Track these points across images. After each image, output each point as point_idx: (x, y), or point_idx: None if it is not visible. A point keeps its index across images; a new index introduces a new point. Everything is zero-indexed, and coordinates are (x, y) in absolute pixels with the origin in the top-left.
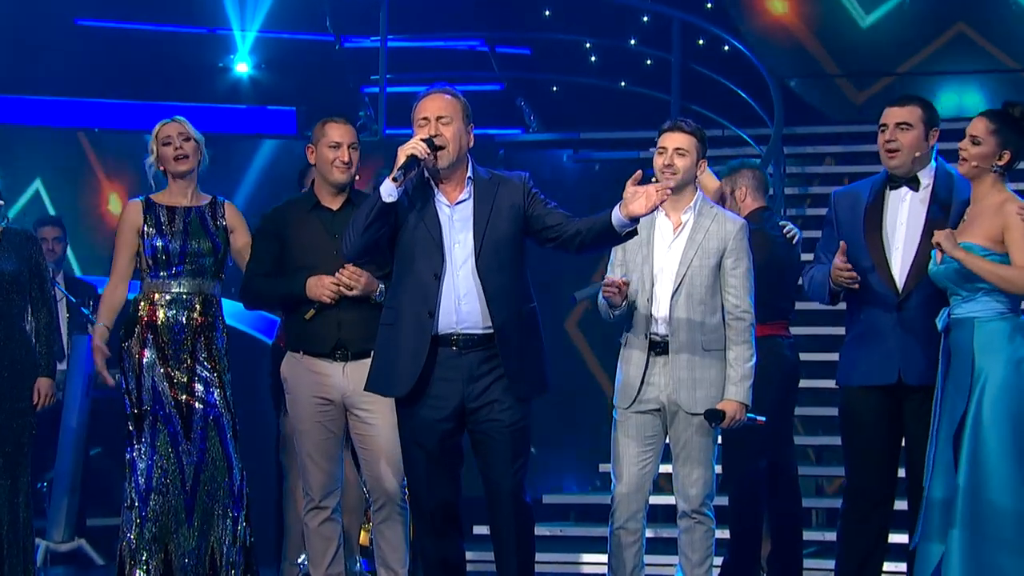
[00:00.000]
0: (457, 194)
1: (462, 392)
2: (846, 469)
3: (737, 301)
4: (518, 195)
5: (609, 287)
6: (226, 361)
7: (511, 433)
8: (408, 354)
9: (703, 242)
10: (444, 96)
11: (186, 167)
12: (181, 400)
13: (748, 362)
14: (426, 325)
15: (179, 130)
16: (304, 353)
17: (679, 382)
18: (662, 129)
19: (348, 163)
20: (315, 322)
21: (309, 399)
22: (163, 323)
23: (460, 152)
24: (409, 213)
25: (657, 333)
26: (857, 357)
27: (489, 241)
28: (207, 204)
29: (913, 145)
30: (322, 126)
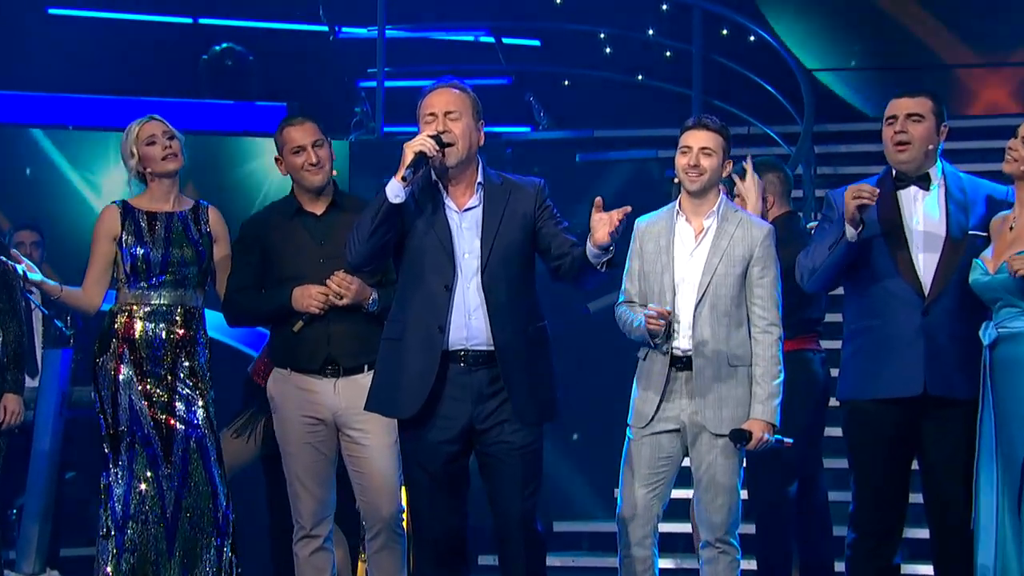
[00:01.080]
0: (466, 199)
1: (470, 412)
2: (855, 494)
3: (764, 313)
4: (530, 204)
5: (653, 319)
6: (209, 378)
7: (522, 456)
8: (415, 372)
9: (728, 249)
10: (452, 90)
11: (175, 166)
12: (161, 420)
13: (776, 379)
14: (436, 341)
15: (163, 128)
16: (292, 370)
17: (702, 400)
18: (685, 126)
19: (317, 163)
20: (303, 336)
21: (298, 419)
22: (141, 337)
23: (470, 150)
24: (417, 218)
25: (679, 347)
26: (872, 367)
27: (497, 252)
28: (190, 209)
29: (925, 138)
30: (280, 133)
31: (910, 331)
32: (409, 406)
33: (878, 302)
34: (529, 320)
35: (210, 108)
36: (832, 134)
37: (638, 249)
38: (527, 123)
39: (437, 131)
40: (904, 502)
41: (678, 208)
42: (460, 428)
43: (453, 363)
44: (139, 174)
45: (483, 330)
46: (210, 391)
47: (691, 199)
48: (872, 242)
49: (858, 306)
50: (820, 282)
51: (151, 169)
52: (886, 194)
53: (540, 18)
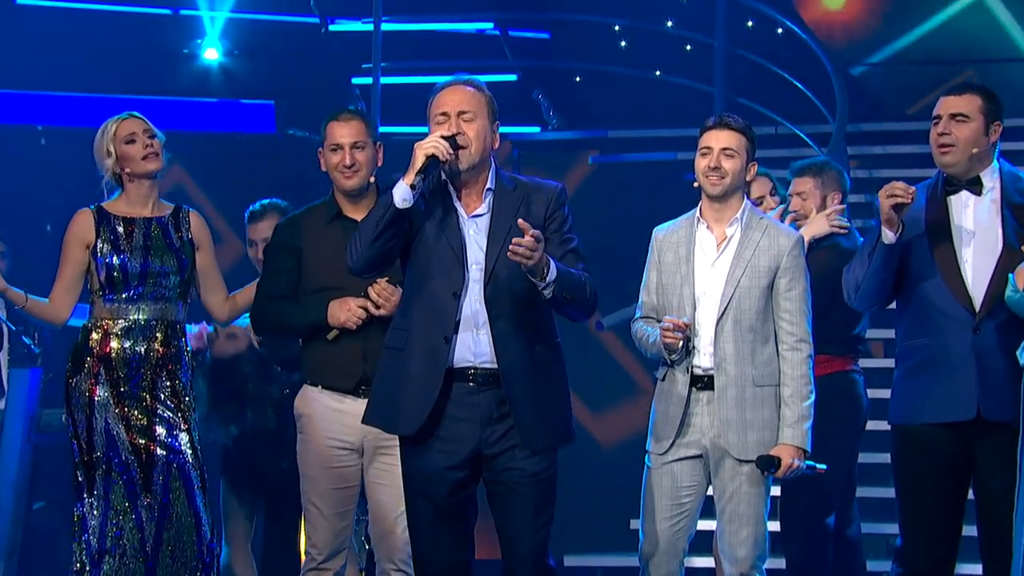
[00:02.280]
0: (475, 205)
1: (478, 436)
2: (902, 525)
3: (792, 328)
4: (541, 213)
5: (669, 332)
6: (193, 399)
7: (534, 484)
8: (417, 386)
9: (752, 259)
10: (467, 88)
11: (156, 166)
12: (140, 446)
13: (806, 400)
14: (440, 353)
15: (143, 126)
16: (323, 387)
17: (726, 423)
18: (706, 126)
19: (352, 166)
20: (336, 353)
21: (324, 441)
22: (118, 355)
23: (483, 153)
24: (427, 221)
25: (700, 366)
26: (923, 389)
27: (504, 265)
28: (170, 214)
29: (970, 140)
30: (325, 125)
31: (961, 350)
32: (410, 422)
33: (926, 319)
34: (538, 339)
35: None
36: (868, 134)
37: (656, 260)
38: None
39: (451, 132)
40: (957, 535)
41: (698, 215)
42: (467, 453)
43: (460, 381)
44: (115, 175)
45: (490, 348)
46: (194, 413)
47: (712, 205)
48: (919, 252)
49: (907, 323)
50: (866, 297)
51: (130, 170)
52: (935, 199)
53: (549, 9)
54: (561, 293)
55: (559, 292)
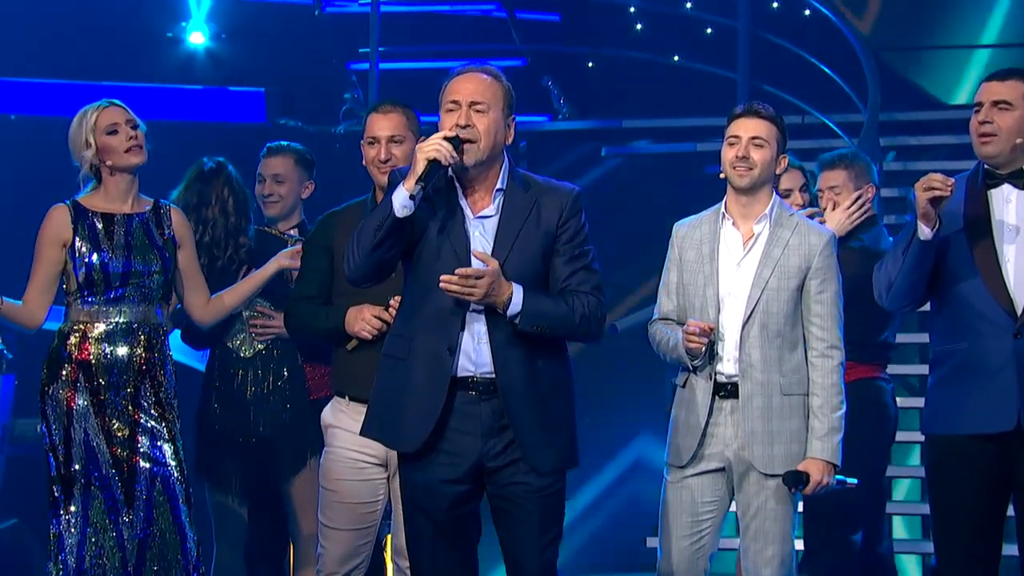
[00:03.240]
0: (483, 204)
1: (480, 448)
2: (937, 544)
3: (823, 334)
4: (554, 220)
5: (694, 336)
6: (177, 408)
7: (540, 500)
8: (420, 400)
9: (781, 259)
10: (483, 77)
11: (140, 159)
12: (121, 458)
13: (837, 411)
14: (444, 364)
15: (125, 116)
16: (350, 399)
17: (751, 435)
18: (734, 114)
19: (388, 161)
20: (359, 362)
21: (348, 454)
22: (98, 361)
23: (493, 149)
24: (431, 221)
25: (723, 373)
26: (958, 397)
27: (509, 273)
28: (150, 210)
29: (1013, 130)
30: (366, 117)
31: (1000, 356)
32: (413, 438)
33: (963, 322)
34: (543, 352)
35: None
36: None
37: (676, 257)
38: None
39: (455, 131)
40: (996, 555)
41: (724, 210)
42: (468, 466)
43: (461, 390)
44: (93, 168)
45: (490, 359)
46: (177, 422)
47: (739, 199)
48: (957, 250)
49: (943, 327)
50: (898, 296)
51: (111, 162)
52: (975, 193)
53: None
54: (531, 327)
55: (527, 326)
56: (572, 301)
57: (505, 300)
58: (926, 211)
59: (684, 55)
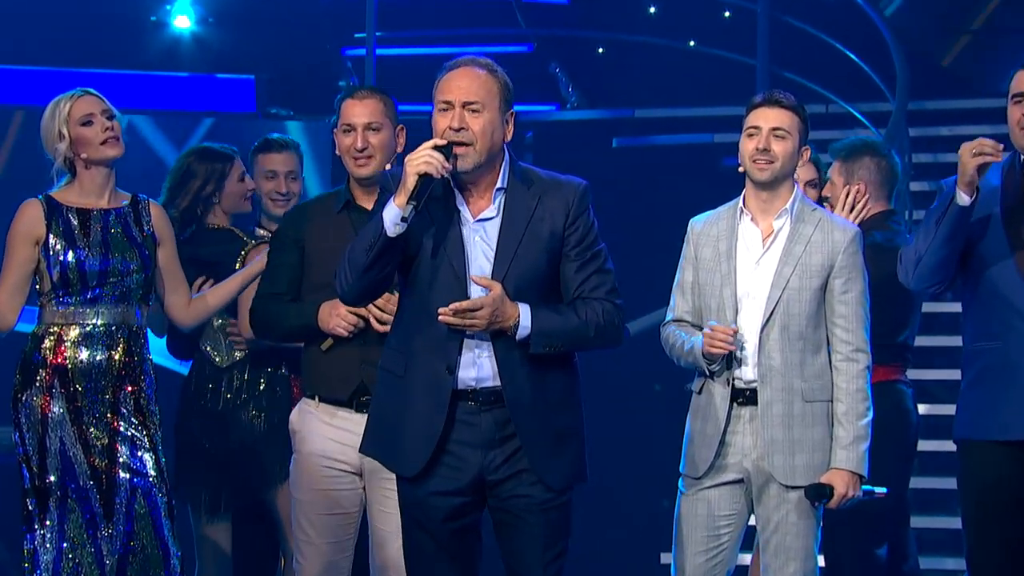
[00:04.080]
0: (483, 205)
1: (480, 459)
2: (969, 560)
3: (848, 336)
4: (561, 219)
5: (717, 340)
6: (158, 415)
7: (544, 513)
8: (419, 421)
9: (803, 257)
10: (478, 72)
11: (116, 152)
12: (100, 468)
13: (863, 418)
14: (443, 383)
15: (101, 106)
16: (319, 399)
17: (771, 444)
18: (753, 103)
19: (363, 150)
20: (331, 359)
21: (318, 461)
22: (75, 366)
23: (492, 150)
24: (426, 228)
25: (742, 378)
26: (992, 400)
27: (512, 279)
28: (128, 205)
29: None
30: (340, 103)
31: None
32: (412, 462)
33: (997, 319)
34: (548, 360)
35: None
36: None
37: (692, 255)
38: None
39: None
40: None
41: (742, 205)
42: (469, 478)
43: (461, 402)
44: (67, 161)
45: (493, 370)
46: (159, 431)
47: (759, 193)
48: (992, 242)
49: (975, 323)
50: (926, 273)
51: (86, 155)
52: (1013, 184)
53: None
54: (543, 348)
55: (539, 348)
56: (585, 311)
57: (512, 324)
58: (972, 178)
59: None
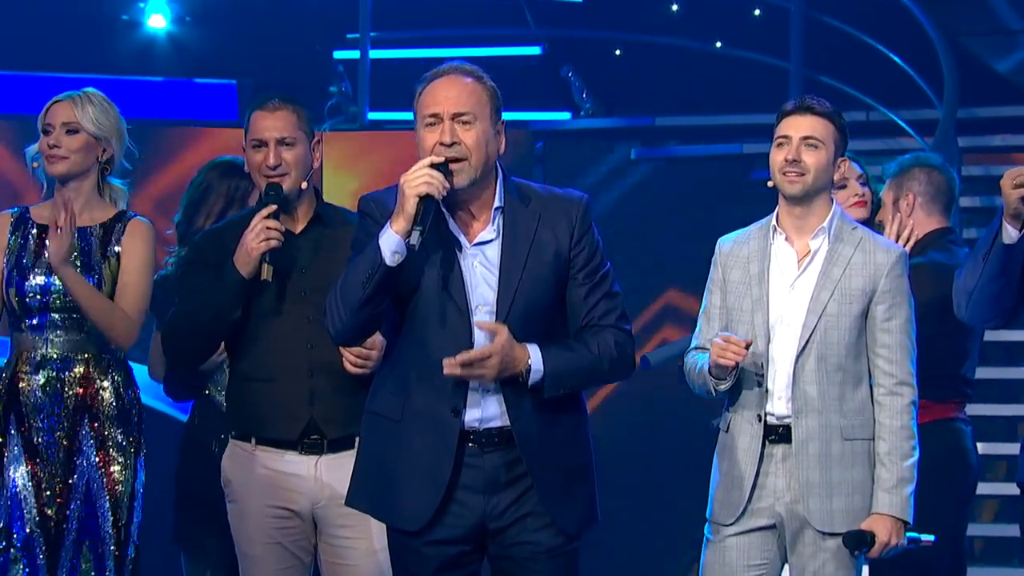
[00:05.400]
0: (479, 227)
1: (483, 505)
2: None
3: (892, 368)
4: (565, 237)
5: (726, 350)
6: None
7: (551, 560)
8: (422, 469)
9: (842, 280)
10: (464, 80)
11: (61, 169)
12: (49, 516)
13: (908, 458)
14: (450, 427)
15: (66, 116)
16: (257, 442)
17: (806, 486)
18: (784, 111)
19: (276, 167)
20: (272, 393)
21: (262, 510)
22: (28, 399)
23: (487, 164)
24: (417, 262)
25: (774, 413)
26: None
27: (519, 308)
28: (106, 223)
29: None
30: (248, 116)
31: None
32: (417, 514)
33: None
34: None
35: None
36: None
37: (719, 278)
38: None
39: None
40: None
41: (775, 223)
42: (470, 525)
43: (463, 443)
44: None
45: (498, 409)
46: (131, 474)
47: (792, 210)
48: None
49: None
50: (980, 308)
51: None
52: None
53: None
54: (558, 390)
55: (554, 391)
56: (597, 345)
57: (523, 369)
58: (1017, 210)
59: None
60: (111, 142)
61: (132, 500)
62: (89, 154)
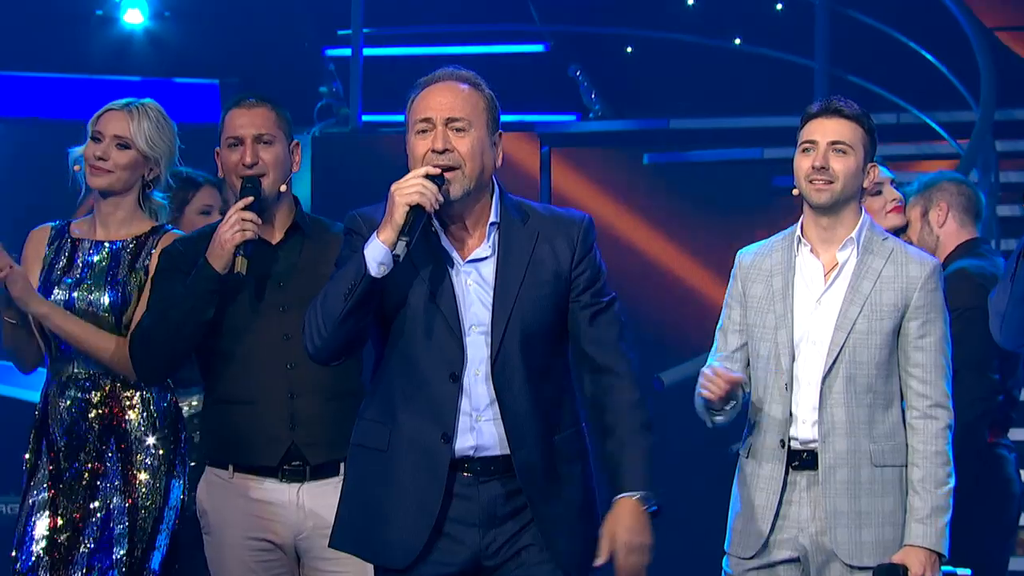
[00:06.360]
0: (474, 244)
1: (477, 541)
2: None
3: (926, 389)
4: (566, 257)
5: (711, 382)
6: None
7: None
8: (410, 497)
9: (872, 294)
10: (460, 88)
11: (103, 183)
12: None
13: (943, 486)
14: (440, 454)
15: (119, 129)
16: (235, 469)
17: (834, 515)
18: (808, 114)
19: (253, 166)
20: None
21: (240, 542)
22: (56, 423)
23: (482, 176)
24: (406, 276)
25: (798, 438)
26: None
27: (516, 329)
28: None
29: None
30: (224, 116)
31: None
32: (404, 551)
33: None
34: (561, 424)
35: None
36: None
37: (739, 292)
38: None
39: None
40: None
41: (799, 234)
42: (462, 562)
43: (455, 472)
44: None
45: (495, 436)
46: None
47: (818, 220)
48: None
49: None
50: (1013, 331)
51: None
52: None
53: None
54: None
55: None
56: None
57: (646, 513)
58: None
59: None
60: (160, 162)
61: (157, 525)
62: (135, 172)
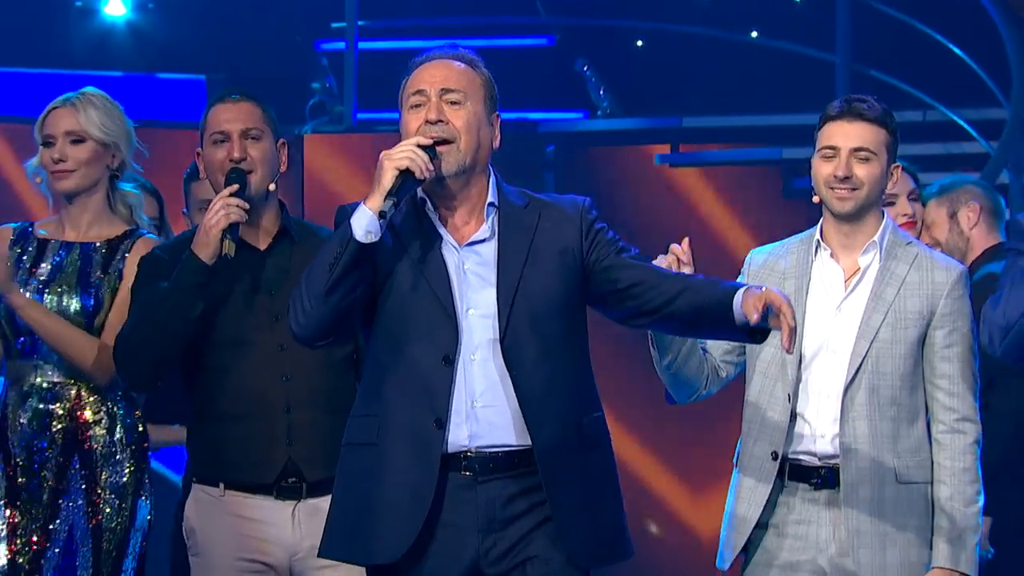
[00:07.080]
0: (471, 227)
1: (477, 547)
2: None
3: (953, 402)
4: (572, 233)
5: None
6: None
7: None
8: (403, 493)
9: (897, 301)
10: (454, 63)
11: (70, 185)
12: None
13: (972, 504)
14: (432, 441)
15: (68, 124)
16: (226, 487)
17: (856, 536)
18: (828, 115)
19: (240, 163)
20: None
21: (230, 564)
22: (14, 435)
23: (478, 152)
24: (397, 258)
25: (817, 453)
26: None
27: (523, 308)
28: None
29: None
30: (206, 113)
31: None
32: (392, 544)
33: None
34: (582, 409)
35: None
36: None
37: None
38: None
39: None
40: None
41: (819, 238)
42: (460, 571)
43: (451, 471)
44: None
45: (498, 425)
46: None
47: (839, 226)
48: None
49: None
50: (1017, 346)
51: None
52: None
53: None
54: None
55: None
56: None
57: None
58: None
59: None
60: (120, 147)
61: (124, 548)
62: (99, 164)
